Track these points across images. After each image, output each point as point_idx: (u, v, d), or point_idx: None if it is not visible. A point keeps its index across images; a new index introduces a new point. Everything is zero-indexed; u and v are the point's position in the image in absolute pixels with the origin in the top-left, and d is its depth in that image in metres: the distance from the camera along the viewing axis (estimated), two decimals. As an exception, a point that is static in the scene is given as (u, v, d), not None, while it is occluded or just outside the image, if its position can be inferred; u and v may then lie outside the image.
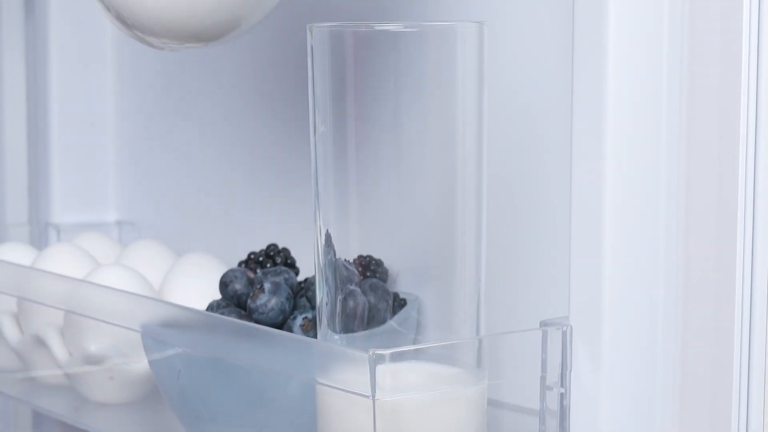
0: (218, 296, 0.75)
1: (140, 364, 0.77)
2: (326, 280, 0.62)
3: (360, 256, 0.62)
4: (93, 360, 0.78)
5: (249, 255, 0.77)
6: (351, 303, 0.62)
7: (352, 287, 0.62)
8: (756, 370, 0.59)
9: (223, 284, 0.73)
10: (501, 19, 0.71)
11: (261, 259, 0.76)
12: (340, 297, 0.62)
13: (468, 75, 0.61)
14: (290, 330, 0.69)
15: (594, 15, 0.59)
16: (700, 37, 0.59)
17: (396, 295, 0.62)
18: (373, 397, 0.58)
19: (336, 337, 0.62)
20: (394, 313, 0.61)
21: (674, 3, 0.60)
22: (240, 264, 0.76)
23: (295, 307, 0.70)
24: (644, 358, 0.61)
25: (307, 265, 0.75)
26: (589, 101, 0.60)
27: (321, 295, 0.62)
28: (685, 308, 0.61)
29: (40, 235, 0.99)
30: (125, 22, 0.67)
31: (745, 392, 0.59)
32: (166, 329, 0.71)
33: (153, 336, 0.72)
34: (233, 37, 0.69)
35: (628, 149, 0.60)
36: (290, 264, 0.76)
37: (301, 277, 0.76)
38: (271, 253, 0.76)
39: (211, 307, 0.73)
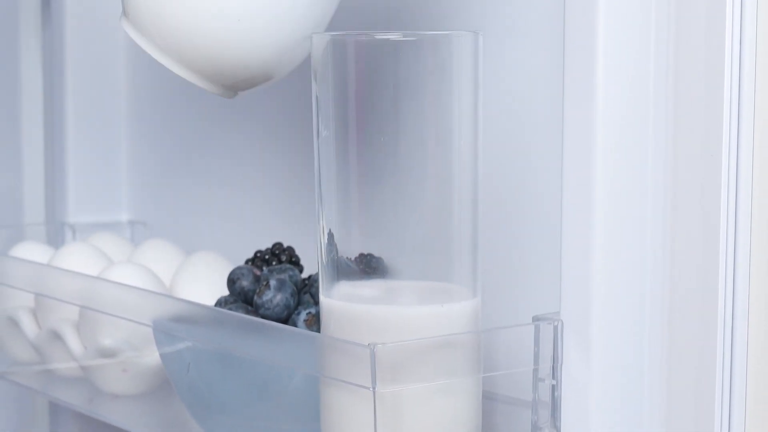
0: (226, 292, 0.75)
1: (152, 357, 0.77)
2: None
3: (361, 254, 0.62)
4: (107, 353, 0.78)
5: (255, 253, 0.77)
6: None
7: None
8: (738, 361, 0.59)
9: (231, 281, 0.73)
10: (496, 29, 0.71)
11: (267, 257, 0.76)
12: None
13: (464, 81, 0.61)
14: (294, 325, 0.69)
15: (584, 24, 0.59)
16: (686, 51, 0.59)
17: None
18: (374, 388, 0.58)
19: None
20: None
21: (660, 14, 0.60)
22: (247, 262, 0.76)
23: (299, 303, 0.70)
24: (632, 351, 0.61)
25: (311, 263, 0.75)
26: (580, 106, 0.60)
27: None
28: (671, 303, 0.61)
29: (56, 234, 0.99)
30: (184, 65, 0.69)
31: (728, 381, 0.59)
32: (176, 324, 0.71)
33: (164, 330, 0.72)
34: (263, 86, 0.70)
35: (616, 153, 0.60)
36: (294, 262, 0.76)
37: (305, 274, 0.76)
38: (277, 252, 0.76)
39: (219, 303, 0.73)
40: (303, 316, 0.69)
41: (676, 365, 0.60)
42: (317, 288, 0.69)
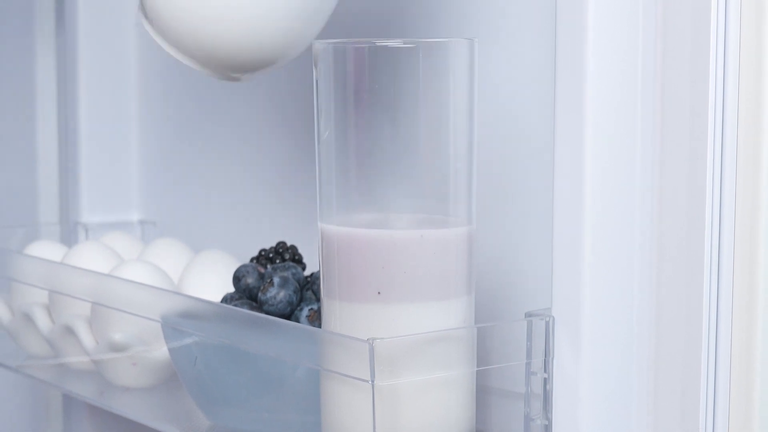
0: (232, 289, 0.75)
1: (160, 351, 0.77)
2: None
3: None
4: (117, 348, 0.78)
5: (260, 252, 0.77)
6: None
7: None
8: (722, 355, 0.59)
9: (236, 278, 0.73)
10: (490, 35, 0.71)
11: (271, 255, 0.76)
12: None
13: (459, 86, 0.61)
14: (297, 320, 0.69)
15: (574, 30, 0.59)
16: (672, 57, 0.59)
17: None
18: (372, 381, 0.58)
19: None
20: None
21: (647, 22, 0.60)
22: (251, 260, 0.76)
23: (301, 300, 0.70)
24: (620, 345, 0.61)
25: (313, 261, 0.75)
26: (570, 109, 0.60)
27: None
28: (657, 300, 0.61)
29: (69, 233, 0.99)
30: (182, 51, 0.68)
31: (712, 375, 0.59)
32: (184, 319, 0.71)
33: (172, 326, 0.72)
34: (268, 71, 0.69)
35: (605, 155, 0.60)
36: (297, 260, 0.76)
37: (307, 272, 0.76)
38: (280, 250, 0.76)
39: (225, 300, 0.73)
40: (305, 312, 0.69)
41: (663, 359, 0.60)
42: (319, 285, 0.69)
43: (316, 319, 0.69)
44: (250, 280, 0.73)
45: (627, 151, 0.60)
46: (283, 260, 0.76)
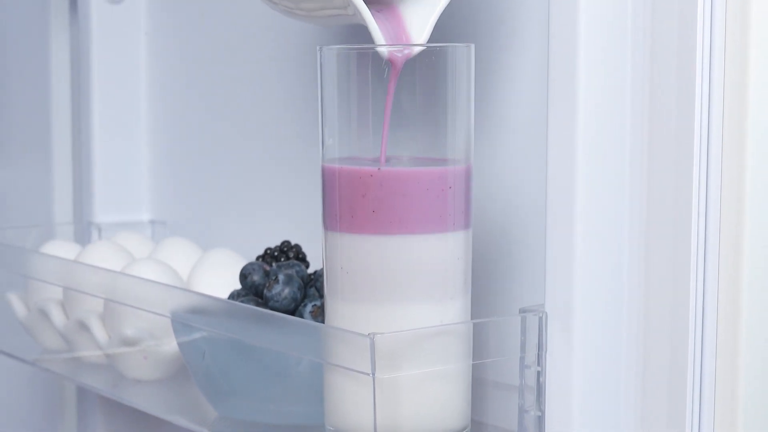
0: (238, 286, 0.76)
1: (170, 345, 0.77)
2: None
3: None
4: (129, 342, 0.78)
5: (265, 250, 0.77)
6: None
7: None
8: (708, 348, 0.59)
9: (243, 276, 0.73)
10: (487, 39, 0.71)
11: (276, 253, 0.76)
12: None
13: (458, 89, 0.61)
14: (301, 316, 0.69)
15: (566, 36, 0.60)
16: (660, 63, 0.60)
17: None
18: (373, 374, 0.58)
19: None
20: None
21: (636, 31, 0.60)
22: (257, 258, 0.77)
23: (305, 296, 0.71)
24: (610, 339, 0.61)
25: (316, 259, 0.75)
26: (562, 111, 0.60)
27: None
28: (646, 296, 0.61)
29: (83, 233, 1.00)
30: None
31: (698, 367, 0.59)
32: (193, 315, 0.71)
33: (181, 321, 0.72)
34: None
35: (596, 158, 0.60)
36: (301, 258, 0.76)
37: (310, 270, 0.76)
38: (285, 249, 0.76)
39: (232, 296, 0.73)
40: (309, 308, 0.69)
41: (651, 352, 0.61)
42: (322, 283, 0.70)
43: (319, 314, 0.69)
44: (256, 278, 0.73)
45: (617, 152, 0.61)
46: (288, 258, 0.76)
